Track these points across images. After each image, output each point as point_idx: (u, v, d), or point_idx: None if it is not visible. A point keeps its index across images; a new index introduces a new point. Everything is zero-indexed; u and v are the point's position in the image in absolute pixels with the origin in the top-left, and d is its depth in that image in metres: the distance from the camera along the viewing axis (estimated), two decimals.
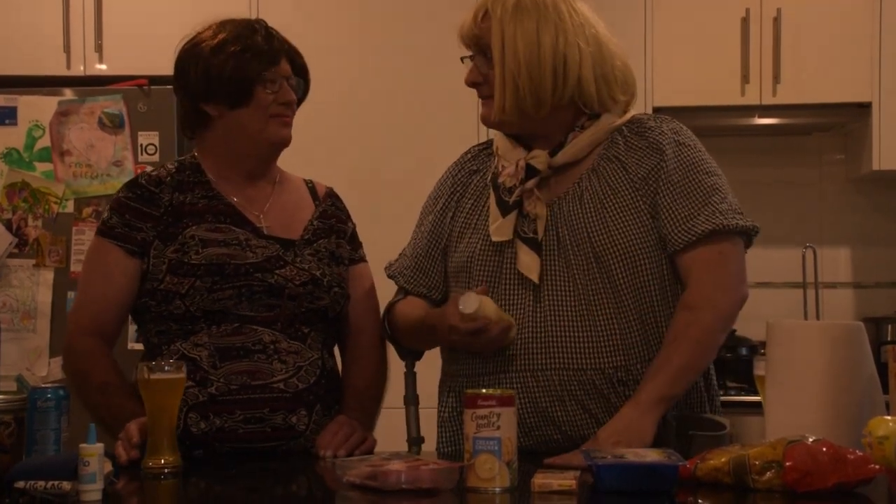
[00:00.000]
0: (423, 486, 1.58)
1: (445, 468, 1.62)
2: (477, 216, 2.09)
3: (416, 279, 2.15)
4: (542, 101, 2.00)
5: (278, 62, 2.12)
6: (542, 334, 1.97)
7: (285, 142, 2.16)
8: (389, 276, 2.20)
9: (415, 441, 2.26)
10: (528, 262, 1.99)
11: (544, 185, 2.04)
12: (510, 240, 2.01)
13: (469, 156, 2.21)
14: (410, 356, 2.28)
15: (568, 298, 1.97)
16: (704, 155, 2.05)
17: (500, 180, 2.05)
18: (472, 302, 1.89)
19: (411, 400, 2.29)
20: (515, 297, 2.00)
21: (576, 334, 1.96)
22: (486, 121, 2.06)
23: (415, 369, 2.30)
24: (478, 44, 2.06)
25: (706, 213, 1.97)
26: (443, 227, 2.14)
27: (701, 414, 2.00)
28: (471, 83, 2.08)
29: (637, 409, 1.87)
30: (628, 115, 2.09)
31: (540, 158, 2.03)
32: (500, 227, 2.02)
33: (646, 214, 1.99)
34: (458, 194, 2.15)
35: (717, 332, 1.96)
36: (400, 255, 2.21)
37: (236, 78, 2.08)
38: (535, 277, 1.98)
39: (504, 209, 2.03)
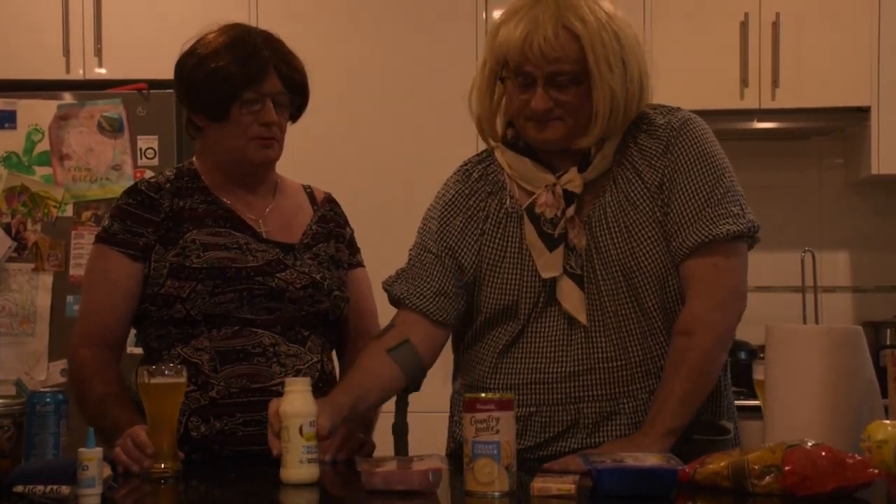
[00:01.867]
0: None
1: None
2: (510, 247, 1.96)
3: (428, 299, 1.98)
4: (626, 121, 1.93)
5: (261, 80, 2.06)
6: (576, 367, 1.91)
7: (266, 162, 2.13)
8: (395, 301, 2.02)
9: None
10: (575, 301, 1.89)
11: (577, 206, 1.94)
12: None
13: (476, 175, 2.03)
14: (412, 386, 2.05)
15: (601, 328, 1.90)
16: (711, 147, 1.95)
17: (539, 211, 1.92)
18: None
19: (401, 430, 2.12)
20: (550, 328, 1.93)
21: (609, 365, 1.90)
22: (547, 143, 1.92)
23: (408, 399, 2.10)
24: (553, 66, 1.85)
25: (701, 220, 1.88)
26: (466, 253, 1.98)
27: (705, 418, 1.95)
28: (543, 110, 1.88)
29: (648, 437, 1.81)
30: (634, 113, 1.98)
31: (575, 182, 1.92)
32: (548, 263, 1.90)
33: (660, 225, 1.91)
34: (479, 220, 1.99)
35: (717, 355, 1.89)
36: (398, 277, 2.03)
37: (214, 95, 2.05)
38: (583, 319, 1.90)
39: (549, 243, 1.91)
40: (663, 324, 1.91)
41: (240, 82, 2.05)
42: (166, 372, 1.85)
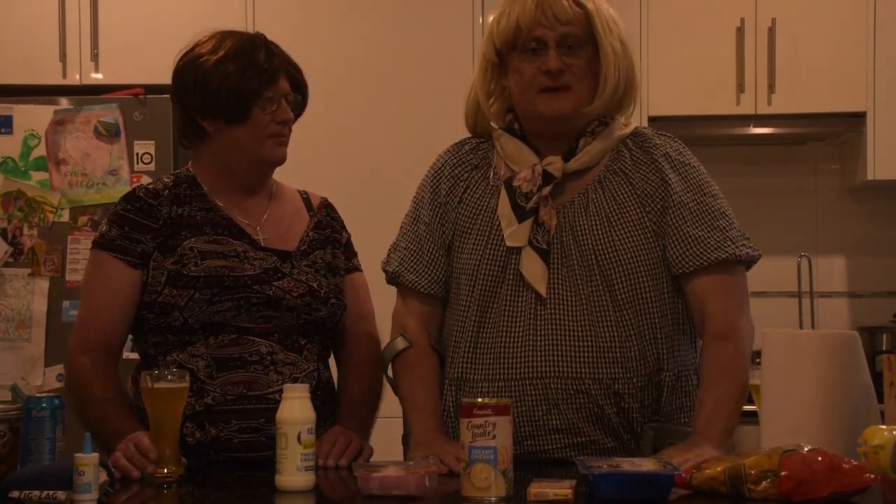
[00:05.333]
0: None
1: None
2: (481, 216, 2.06)
3: (421, 273, 2.10)
4: (624, 98, 2.06)
5: (277, 80, 2.10)
6: (542, 342, 1.97)
7: (280, 161, 2.15)
8: (390, 277, 2.14)
9: None
10: (537, 273, 1.98)
11: (554, 192, 2.03)
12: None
13: (467, 147, 2.15)
14: None
15: (569, 307, 1.97)
16: (708, 177, 2.07)
17: (516, 184, 2.02)
18: None
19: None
20: (516, 301, 2.00)
21: (575, 343, 1.96)
22: (559, 114, 2.00)
23: None
24: (564, 28, 1.98)
25: (716, 239, 1.98)
26: (446, 221, 2.10)
27: (676, 426, 1.99)
28: (557, 70, 1.97)
29: (710, 441, 1.85)
30: (631, 127, 2.10)
31: (556, 164, 2.02)
32: (515, 233, 2.00)
33: (650, 232, 2.00)
34: (460, 189, 2.11)
35: (749, 359, 1.98)
36: (393, 249, 2.15)
37: (234, 96, 2.07)
38: (542, 290, 1.97)
39: (520, 214, 2.01)
40: (634, 318, 1.98)
41: (259, 81, 2.08)
42: (169, 377, 1.86)
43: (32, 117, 3.80)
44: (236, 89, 2.06)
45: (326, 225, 2.26)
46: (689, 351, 2.06)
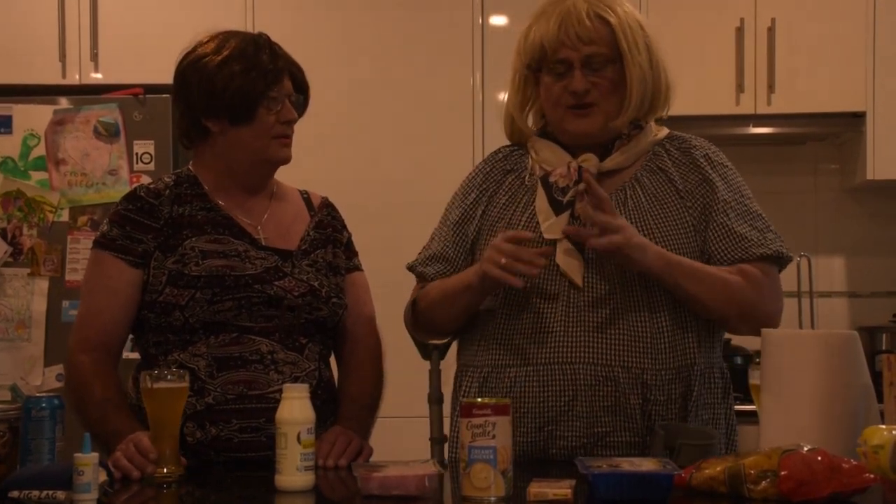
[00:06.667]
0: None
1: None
2: (511, 212, 2.10)
3: (443, 270, 2.14)
4: (652, 111, 2.10)
5: (282, 80, 2.11)
6: (573, 329, 1.99)
7: (285, 160, 2.16)
8: (418, 275, 2.18)
9: (437, 441, 2.28)
10: (573, 264, 2.01)
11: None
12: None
13: (500, 156, 2.21)
14: (436, 351, 2.32)
15: (602, 298, 2.00)
16: (743, 180, 2.12)
17: (553, 180, 2.06)
18: None
19: (435, 399, 2.32)
20: (548, 291, 2.02)
21: (606, 331, 1.98)
22: (586, 132, 2.06)
23: (440, 367, 2.33)
24: (588, 48, 2.02)
25: (758, 237, 2.04)
26: (472, 221, 2.15)
27: (688, 425, 2.00)
28: (583, 90, 2.03)
29: (652, 246, 1.96)
30: (665, 131, 2.15)
31: (591, 161, 2.06)
32: (552, 226, 2.03)
33: (690, 227, 2.04)
34: (490, 191, 2.16)
35: (736, 304, 2.01)
36: (422, 250, 2.21)
37: (239, 97, 2.07)
38: (578, 280, 2.00)
39: (557, 208, 2.04)
40: (668, 312, 2.01)
41: (265, 82, 2.08)
42: (168, 377, 1.86)
43: (32, 117, 3.79)
44: (241, 90, 2.07)
45: (327, 224, 2.26)
46: (718, 349, 2.10)
